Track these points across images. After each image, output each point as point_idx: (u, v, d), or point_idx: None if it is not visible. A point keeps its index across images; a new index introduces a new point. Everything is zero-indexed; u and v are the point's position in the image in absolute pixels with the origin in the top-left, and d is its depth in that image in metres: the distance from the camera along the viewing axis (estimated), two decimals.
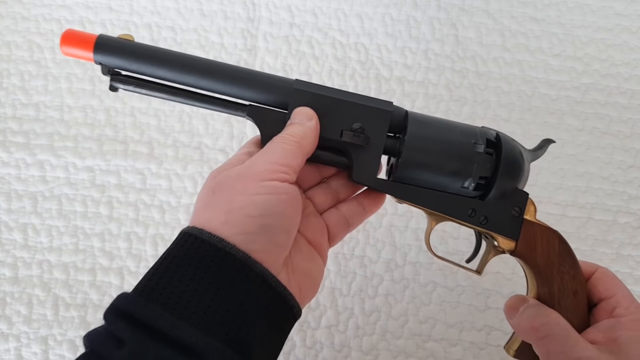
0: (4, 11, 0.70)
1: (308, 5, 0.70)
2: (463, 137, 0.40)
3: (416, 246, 0.62)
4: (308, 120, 0.38)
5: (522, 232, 0.42)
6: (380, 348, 0.58)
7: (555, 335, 0.39)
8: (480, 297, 0.60)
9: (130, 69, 0.39)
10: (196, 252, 0.32)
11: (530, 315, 0.41)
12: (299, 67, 0.68)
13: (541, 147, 0.44)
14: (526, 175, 0.42)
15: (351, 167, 0.40)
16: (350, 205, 0.43)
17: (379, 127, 0.40)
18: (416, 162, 0.39)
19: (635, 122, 0.66)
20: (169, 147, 0.65)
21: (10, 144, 0.65)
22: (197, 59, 0.39)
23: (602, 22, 0.69)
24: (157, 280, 0.31)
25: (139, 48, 0.39)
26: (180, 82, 0.39)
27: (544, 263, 0.42)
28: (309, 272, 0.38)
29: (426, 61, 0.68)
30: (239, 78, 0.39)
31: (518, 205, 0.42)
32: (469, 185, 0.40)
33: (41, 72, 0.68)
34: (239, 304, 0.31)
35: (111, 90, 0.40)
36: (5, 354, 0.58)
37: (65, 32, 0.38)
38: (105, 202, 0.63)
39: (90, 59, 0.38)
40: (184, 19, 0.70)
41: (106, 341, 0.29)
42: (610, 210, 0.63)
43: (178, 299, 0.30)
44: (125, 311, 0.30)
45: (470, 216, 0.41)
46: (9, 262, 0.61)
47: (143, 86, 0.39)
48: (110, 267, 0.61)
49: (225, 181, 0.35)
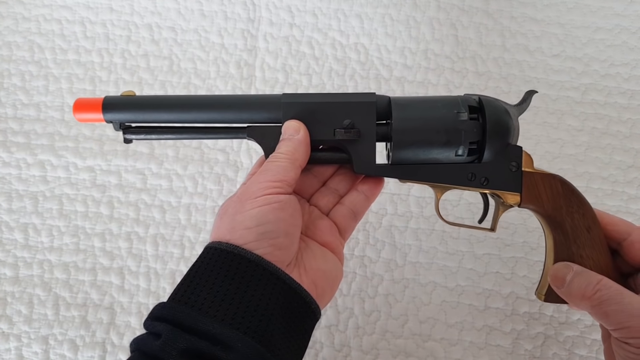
0: (5, 11, 0.70)
1: (308, 6, 0.70)
2: (445, 109, 0.42)
3: (416, 246, 0.62)
4: (296, 133, 0.42)
5: (523, 183, 0.44)
6: (380, 348, 0.58)
7: (609, 297, 0.40)
8: (480, 297, 0.60)
9: (137, 120, 0.43)
10: (217, 260, 0.36)
11: (580, 285, 0.42)
12: (299, 67, 0.68)
13: (525, 99, 0.46)
14: (516, 130, 0.44)
15: (351, 161, 0.43)
16: (352, 197, 0.46)
17: (367, 118, 0.43)
18: (407, 143, 0.42)
19: (635, 123, 0.66)
20: (170, 147, 0.65)
21: (11, 144, 0.65)
22: (193, 98, 0.44)
23: (602, 22, 0.69)
24: (185, 287, 0.36)
25: (141, 100, 0.43)
26: (183, 120, 0.43)
27: (552, 207, 0.43)
28: (322, 270, 0.41)
29: (426, 61, 0.68)
30: (233, 105, 0.43)
31: (514, 159, 0.44)
32: (462, 152, 0.42)
33: (42, 73, 0.68)
34: (257, 300, 0.35)
35: (125, 143, 0.44)
36: (6, 354, 0.58)
37: (75, 102, 0.43)
38: (106, 202, 0.63)
39: (102, 120, 0.43)
40: (184, 19, 0.70)
41: (146, 339, 0.34)
42: (609, 210, 0.63)
43: (204, 300, 0.35)
44: (159, 316, 0.35)
45: (471, 180, 0.43)
46: (9, 262, 0.61)
47: (152, 132, 0.44)
48: (111, 267, 0.61)
49: (228, 205, 0.40)
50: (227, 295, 0.35)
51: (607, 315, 0.40)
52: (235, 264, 0.36)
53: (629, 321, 0.38)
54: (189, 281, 0.36)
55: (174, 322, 0.34)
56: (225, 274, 0.36)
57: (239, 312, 0.34)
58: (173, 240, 0.62)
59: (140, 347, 0.34)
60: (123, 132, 0.44)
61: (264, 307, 0.35)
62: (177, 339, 0.32)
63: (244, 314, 0.34)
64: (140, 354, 0.34)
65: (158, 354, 0.32)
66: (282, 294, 0.36)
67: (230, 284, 0.35)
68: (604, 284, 0.41)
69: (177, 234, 0.62)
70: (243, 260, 0.36)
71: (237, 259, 0.36)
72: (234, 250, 0.36)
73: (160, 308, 0.36)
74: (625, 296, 0.39)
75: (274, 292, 0.36)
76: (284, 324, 0.36)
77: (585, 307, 0.41)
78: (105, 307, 0.60)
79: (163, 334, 0.33)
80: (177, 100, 0.43)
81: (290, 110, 0.42)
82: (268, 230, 0.37)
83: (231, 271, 0.36)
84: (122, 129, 0.43)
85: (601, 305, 0.40)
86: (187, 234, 0.62)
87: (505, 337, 0.59)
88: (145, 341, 0.34)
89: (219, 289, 0.35)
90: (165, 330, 0.33)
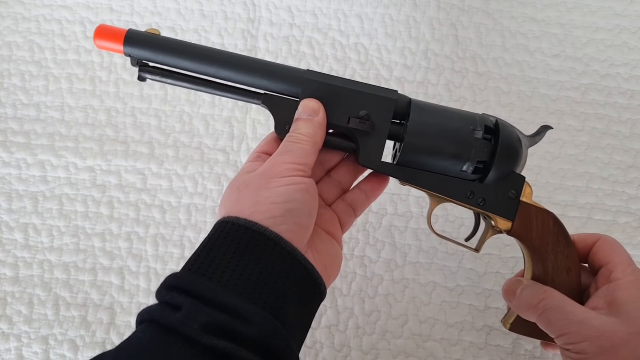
0: (5, 11, 0.70)
1: (308, 6, 0.70)
2: (462, 123, 0.42)
3: (416, 246, 0.62)
4: (315, 114, 0.41)
5: (518, 213, 0.44)
6: (380, 348, 0.58)
7: (553, 306, 0.41)
8: (479, 297, 0.60)
9: (156, 60, 0.42)
10: (235, 235, 0.36)
11: (527, 296, 0.44)
12: (299, 67, 0.68)
13: (539, 133, 0.46)
14: (524, 159, 0.44)
15: (358, 152, 0.43)
16: (354, 194, 0.46)
17: (384, 114, 0.42)
18: (418, 147, 0.42)
19: (635, 123, 0.66)
20: (170, 147, 0.65)
21: (11, 144, 0.65)
22: (218, 51, 0.43)
23: (602, 22, 0.69)
24: (202, 259, 0.35)
25: (165, 41, 0.42)
26: (202, 72, 0.42)
27: (539, 242, 0.44)
28: (330, 254, 0.42)
29: (426, 61, 0.68)
30: (256, 69, 0.42)
31: (515, 187, 0.44)
32: (468, 169, 0.42)
33: (42, 73, 0.68)
34: (275, 277, 0.35)
35: (139, 80, 0.43)
36: (6, 354, 0.58)
37: (98, 27, 0.42)
38: (106, 202, 0.63)
39: (120, 51, 0.42)
40: (184, 19, 0.70)
41: (162, 310, 0.33)
42: (609, 210, 0.63)
43: (222, 273, 0.34)
44: (176, 285, 0.34)
45: (469, 197, 0.43)
46: (9, 262, 0.62)
47: (168, 76, 0.43)
48: (111, 267, 0.61)
49: (250, 180, 0.39)
50: (245, 269, 0.34)
51: (550, 322, 0.41)
52: (254, 240, 0.35)
53: (568, 327, 0.40)
54: (205, 252, 0.35)
55: (193, 294, 0.33)
56: (243, 249, 0.35)
57: (258, 287, 0.34)
58: (173, 240, 0.62)
59: (156, 318, 0.33)
60: (139, 69, 0.42)
61: (281, 285, 0.35)
62: (199, 312, 0.31)
63: (262, 290, 0.34)
64: (157, 326, 0.32)
65: (178, 327, 0.31)
66: (297, 274, 0.36)
67: (249, 258, 0.35)
68: (548, 294, 0.42)
69: (177, 234, 0.62)
70: (262, 237, 0.35)
71: (255, 235, 0.35)
72: (253, 226, 0.36)
73: (177, 278, 0.34)
74: (567, 305, 0.41)
75: (290, 271, 0.36)
76: (296, 302, 0.36)
77: (533, 316, 0.43)
78: (105, 307, 0.60)
79: (184, 306, 0.32)
80: (200, 50, 0.42)
81: (310, 87, 0.42)
82: (294, 208, 0.37)
83: (250, 247, 0.35)
84: (138, 66, 0.42)
85: (545, 313, 0.42)
86: (187, 234, 0.62)
87: (505, 337, 0.59)
88: (161, 312, 0.33)
89: (237, 262, 0.34)
90: (186, 303, 0.32)
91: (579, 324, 0.39)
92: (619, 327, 0.38)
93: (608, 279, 0.42)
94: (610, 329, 0.38)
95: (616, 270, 0.42)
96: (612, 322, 0.39)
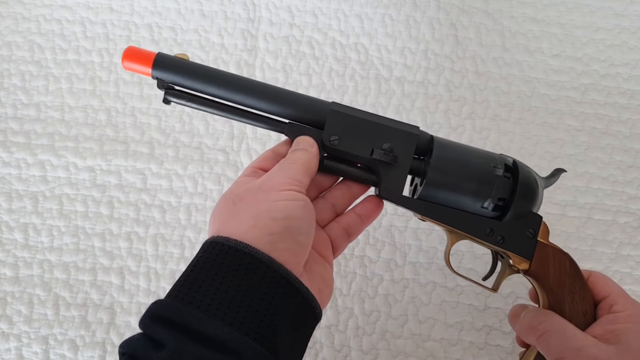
0: (5, 11, 0.70)
1: (308, 6, 0.70)
2: (483, 161, 0.43)
3: (416, 246, 0.62)
4: (310, 147, 0.42)
5: (535, 252, 0.44)
6: (380, 348, 0.58)
7: (553, 329, 0.42)
8: (479, 297, 0.60)
9: (184, 85, 0.42)
10: (225, 258, 0.34)
11: (529, 318, 0.44)
12: (299, 67, 0.68)
13: (553, 175, 0.47)
14: (540, 199, 0.45)
15: (379, 184, 0.43)
16: (349, 218, 0.45)
17: (407, 148, 0.43)
18: (440, 182, 0.42)
19: (635, 123, 0.66)
20: (170, 147, 0.65)
21: (11, 144, 0.65)
22: (245, 80, 0.43)
23: (602, 22, 0.69)
24: (189, 285, 0.33)
25: (193, 66, 0.42)
26: (228, 99, 0.43)
27: (556, 284, 0.44)
28: (324, 277, 0.41)
29: (426, 61, 0.68)
30: (282, 98, 0.43)
31: (532, 227, 0.44)
32: (488, 206, 0.43)
33: (42, 73, 0.68)
34: (267, 304, 0.33)
35: (164, 103, 0.43)
36: (6, 354, 0.58)
37: (127, 49, 0.42)
38: (106, 202, 0.63)
39: (149, 74, 0.42)
40: (184, 19, 0.70)
41: (145, 346, 0.31)
42: (609, 210, 0.63)
43: (211, 301, 0.32)
44: (161, 315, 0.32)
45: (488, 235, 0.43)
46: (9, 262, 0.62)
47: (194, 101, 0.43)
48: (111, 267, 0.61)
49: (246, 192, 0.38)
50: (236, 296, 0.32)
51: (548, 346, 0.42)
52: (245, 263, 0.34)
53: (565, 352, 0.40)
54: (192, 278, 0.34)
55: (179, 326, 0.31)
56: (234, 273, 0.33)
57: (249, 316, 0.32)
58: (173, 240, 0.62)
59: (137, 354, 0.31)
60: (165, 92, 0.43)
61: (274, 312, 0.33)
62: (183, 352, 0.29)
63: (254, 319, 0.32)
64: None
65: None
66: (291, 299, 0.35)
67: (240, 284, 0.33)
68: (549, 317, 0.43)
69: (177, 234, 0.62)
70: (254, 261, 0.34)
71: (247, 259, 0.34)
72: (244, 248, 0.34)
73: (162, 307, 0.32)
74: (567, 329, 0.41)
75: (284, 296, 0.34)
76: (290, 330, 0.34)
77: (533, 338, 0.43)
78: (105, 307, 0.60)
79: (167, 345, 0.30)
80: (228, 77, 0.43)
81: (335, 119, 0.42)
82: (294, 226, 0.36)
83: (241, 271, 0.33)
84: (165, 89, 0.43)
85: (544, 335, 0.42)
86: (187, 234, 0.62)
87: (505, 337, 0.59)
88: (143, 348, 0.31)
89: (227, 289, 0.32)
90: (171, 342, 0.30)
91: (576, 350, 0.40)
92: (616, 357, 0.39)
93: (609, 311, 0.43)
94: (607, 358, 0.39)
95: (617, 304, 0.42)
96: (609, 351, 0.39)
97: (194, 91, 0.43)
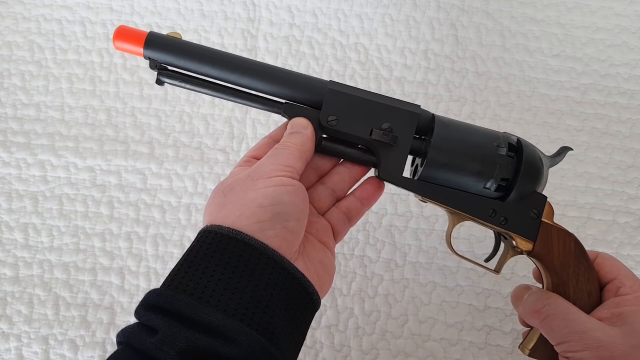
0: (5, 11, 0.70)
1: (308, 6, 0.70)
2: (486, 140, 0.42)
3: (416, 246, 0.62)
4: (305, 129, 0.41)
5: (539, 233, 0.43)
6: (380, 348, 0.58)
7: (556, 313, 0.41)
8: (479, 296, 0.60)
9: (176, 65, 0.41)
10: (217, 245, 0.34)
11: (532, 300, 0.43)
12: (299, 67, 0.68)
13: (559, 153, 0.46)
14: (545, 179, 0.43)
15: (378, 165, 0.42)
16: (349, 202, 0.45)
17: (407, 127, 0.42)
18: (441, 162, 0.41)
19: (635, 123, 0.66)
20: (170, 147, 0.65)
21: (11, 144, 0.65)
22: (240, 58, 0.42)
23: (602, 22, 0.69)
24: (183, 273, 0.34)
25: (186, 45, 0.41)
26: (223, 79, 0.41)
27: (560, 264, 0.43)
28: (323, 262, 0.40)
29: (426, 61, 0.68)
30: (278, 77, 0.42)
31: (536, 207, 0.43)
32: (491, 186, 0.41)
33: (42, 73, 0.68)
34: (261, 290, 0.33)
35: (157, 84, 0.42)
36: (6, 354, 0.58)
37: (118, 28, 0.40)
38: (106, 202, 0.63)
39: (140, 54, 0.41)
40: (184, 19, 0.70)
41: (138, 333, 0.31)
42: (609, 210, 0.63)
43: (204, 288, 0.32)
44: (155, 304, 0.32)
45: (491, 216, 0.42)
46: (9, 262, 0.62)
47: (187, 81, 0.41)
48: (111, 267, 0.61)
49: (235, 183, 0.38)
50: (229, 283, 0.33)
51: (552, 329, 0.41)
52: (238, 250, 0.34)
53: (569, 336, 0.40)
54: (186, 266, 0.34)
55: (172, 313, 0.31)
56: (227, 260, 0.33)
57: (243, 302, 0.32)
58: (173, 240, 0.62)
59: (131, 341, 0.31)
60: (158, 72, 0.41)
61: (268, 298, 0.33)
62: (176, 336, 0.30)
63: (248, 305, 0.32)
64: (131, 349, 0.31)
65: (152, 353, 0.30)
66: (286, 284, 0.35)
67: (233, 271, 0.33)
68: (553, 299, 0.42)
69: (177, 234, 0.62)
70: (247, 247, 0.34)
71: (240, 245, 0.34)
72: (237, 236, 0.34)
73: (156, 295, 0.33)
74: (571, 312, 0.41)
75: (278, 282, 0.34)
76: (287, 315, 0.34)
77: (536, 321, 0.43)
78: (105, 307, 0.60)
79: (160, 330, 0.30)
80: (222, 56, 0.41)
81: (332, 98, 0.41)
82: (282, 212, 0.36)
83: (234, 258, 0.33)
84: (157, 69, 0.41)
85: (548, 318, 0.41)
86: (187, 234, 0.62)
87: (505, 337, 0.59)
88: (137, 335, 0.31)
89: (220, 276, 0.33)
90: (163, 327, 0.30)
91: (580, 333, 0.39)
92: (621, 340, 0.38)
93: (615, 293, 0.42)
94: (611, 341, 0.38)
95: (624, 286, 0.42)
96: (614, 334, 0.39)
97: (188, 71, 0.41)
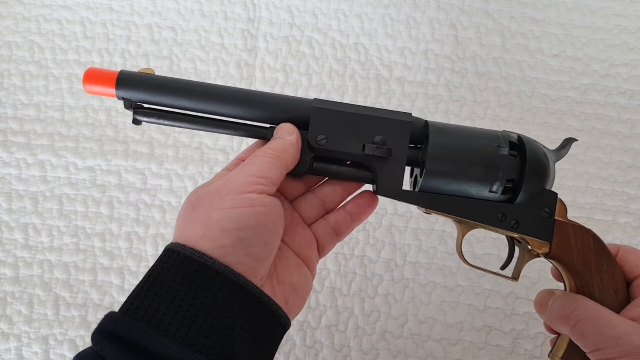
0: (5, 11, 0.70)
1: (308, 6, 0.70)
2: (485, 141, 0.40)
3: (416, 246, 0.62)
4: (289, 134, 0.39)
5: (555, 233, 0.41)
6: (380, 348, 0.58)
7: (587, 317, 0.38)
8: (479, 297, 0.60)
9: (152, 102, 0.40)
10: (179, 268, 0.32)
11: (559, 306, 0.40)
12: (299, 67, 0.68)
13: (564, 146, 0.43)
14: (552, 175, 0.42)
15: (375, 180, 0.40)
16: (338, 215, 0.42)
17: (400, 138, 0.40)
18: (441, 171, 0.39)
19: (635, 123, 0.66)
20: (170, 147, 0.65)
21: (11, 144, 0.65)
22: (217, 87, 0.40)
23: (602, 22, 0.69)
24: (142, 297, 0.32)
25: (160, 80, 0.40)
26: (203, 110, 0.40)
27: (581, 263, 0.40)
28: (295, 285, 0.38)
29: (426, 61, 0.68)
30: (259, 102, 0.40)
31: (548, 205, 0.41)
32: (497, 189, 0.39)
33: (42, 73, 0.68)
34: (223, 317, 0.32)
35: (134, 124, 0.40)
36: (6, 354, 0.58)
37: (87, 71, 0.39)
38: (106, 202, 0.63)
39: (113, 95, 0.39)
40: (184, 19, 0.70)
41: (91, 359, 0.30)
42: (609, 210, 0.63)
43: (163, 316, 0.31)
44: (111, 331, 0.31)
45: (501, 221, 0.40)
46: (9, 262, 0.62)
47: (165, 117, 0.40)
48: (111, 267, 0.61)
49: (204, 197, 0.35)
50: (189, 310, 0.31)
51: (584, 335, 0.38)
52: (200, 274, 0.32)
53: (604, 342, 0.37)
54: (146, 289, 0.32)
55: (127, 341, 0.30)
56: (188, 285, 0.32)
57: (202, 331, 0.31)
58: None
59: None
60: (134, 112, 0.40)
61: (231, 325, 0.32)
62: None
63: (208, 333, 0.31)
64: None
65: None
66: (250, 308, 0.33)
67: (194, 297, 0.31)
68: (581, 303, 0.39)
69: None
70: (210, 271, 0.32)
71: (202, 269, 0.32)
72: (200, 258, 0.32)
73: (113, 321, 0.31)
74: (602, 316, 0.38)
75: (243, 307, 0.32)
76: (251, 341, 0.33)
77: (566, 328, 0.40)
78: (105, 307, 0.60)
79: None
80: (198, 87, 0.40)
81: (319, 116, 0.39)
82: (246, 237, 0.33)
83: (195, 282, 0.32)
84: (132, 108, 0.40)
85: (578, 324, 0.38)
86: None
87: (505, 337, 0.59)
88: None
89: (180, 302, 0.31)
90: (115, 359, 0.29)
91: (615, 339, 0.36)
92: None
93: None
94: None
95: None
96: None
97: (165, 107, 0.40)
